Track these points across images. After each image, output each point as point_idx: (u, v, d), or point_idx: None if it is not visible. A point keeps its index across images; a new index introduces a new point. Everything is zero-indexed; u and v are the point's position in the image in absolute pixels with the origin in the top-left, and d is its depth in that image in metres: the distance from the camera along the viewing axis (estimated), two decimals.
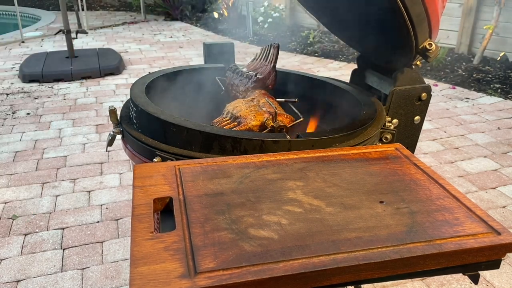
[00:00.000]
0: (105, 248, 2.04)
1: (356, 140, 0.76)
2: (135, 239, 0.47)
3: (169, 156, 0.72)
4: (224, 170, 0.62)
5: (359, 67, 1.08)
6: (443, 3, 0.83)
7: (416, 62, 0.89)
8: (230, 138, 0.70)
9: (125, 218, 2.26)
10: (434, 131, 3.32)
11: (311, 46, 5.89)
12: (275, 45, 0.99)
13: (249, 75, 0.98)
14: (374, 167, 0.64)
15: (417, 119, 0.93)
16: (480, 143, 3.13)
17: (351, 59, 5.28)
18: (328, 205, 0.55)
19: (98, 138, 3.19)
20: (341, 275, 0.45)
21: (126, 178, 2.64)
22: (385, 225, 0.51)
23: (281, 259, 0.45)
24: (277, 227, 0.50)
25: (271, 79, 0.93)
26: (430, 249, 0.47)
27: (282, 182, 0.60)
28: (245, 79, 0.98)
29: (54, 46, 5.64)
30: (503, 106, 3.85)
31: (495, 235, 0.50)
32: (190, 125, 0.72)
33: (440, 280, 1.86)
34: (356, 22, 1.00)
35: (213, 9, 7.97)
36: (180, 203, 0.54)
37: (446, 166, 2.80)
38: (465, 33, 5.01)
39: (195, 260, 0.44)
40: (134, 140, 0.79)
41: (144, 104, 0.79)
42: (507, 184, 2.59)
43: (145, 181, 0.58)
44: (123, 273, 1.90)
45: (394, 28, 0.85)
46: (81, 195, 2.44)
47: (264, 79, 0.92)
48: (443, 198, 0.57)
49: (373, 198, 0.57)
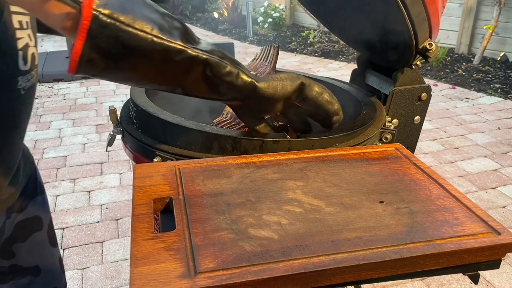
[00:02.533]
0: (105, 248, 2.05)
1: (356, 140, 0.76)
2: (135, 239, 0.47)
3: (169, 156, 0.72)
4: (224, 170, 0.62)
5: (359, 67, 1.08)
6: (443, 3, 0.83)
7: (416, 62, 0.89)
8: (230, 138, 0.70)
9: (125, 218, 2.26)
10: (434, 131, 3.32)
11: (311, 46, 5.89)
12: (275, 45, 0.98)
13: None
14: (374, 167, 0.65)
15: (417, 119, 0.93)
16: (480, 143, 3.13)
17: (351, 59, 5.29)
18: (328, 205, 0.55)
19: (98, 138, 3.19)
20: (341, 275, 0.45)
21: (126, 178, 2.64)
22: (385, 225, 0.51)
23: (281, 259, 0.45)
24: (277, 227, 0.50)
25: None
26: (430, 249, 0.47)
27: (282, 182, 0.60)
28: None
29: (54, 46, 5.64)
30: (503, 106, 3.86)
31: (495, 235, 0.50)
32: (190, 125, 0.72)
33: (440, 280, 1.86)
34: (356, 22, 1.00)
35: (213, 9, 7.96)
36: (180, 203, 0.54)
37: (446, 166, 2.80)
38: (465, 33, 5.01)
39: (195, 260, 0.44)
40: (134, 140, 0.79)
41: (144, 104, 0.79)
42: (507, 184, 2.59)
43: (145, 181, 0.58)
44: (123, 273, 1.90)
45: (394, 28, 0.85)
46: (81, 195, 2.45)
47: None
48: (443, 198, 0.57)
49: (373, 198, 0.57)
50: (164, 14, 0.58)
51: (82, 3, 0.50)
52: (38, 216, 0.91)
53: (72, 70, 0.53)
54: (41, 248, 0.94)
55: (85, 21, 0.50)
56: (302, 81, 0.67)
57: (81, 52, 0.51)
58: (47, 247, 0.95)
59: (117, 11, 0.52)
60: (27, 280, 0.91)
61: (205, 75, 0.61)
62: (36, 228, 0.91)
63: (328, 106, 0.69)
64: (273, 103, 0.67)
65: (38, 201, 0.91)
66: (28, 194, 0.88)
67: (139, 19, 0.54)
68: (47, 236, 0.94)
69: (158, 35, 0.55)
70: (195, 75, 0.60)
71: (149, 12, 0.56)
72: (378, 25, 0.93)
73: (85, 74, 0.56)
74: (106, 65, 0.54)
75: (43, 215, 0.93)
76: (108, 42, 0.52)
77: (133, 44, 0.54)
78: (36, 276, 0.93)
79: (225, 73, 0.61)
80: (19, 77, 0.71)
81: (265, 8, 6.84)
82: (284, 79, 0.67)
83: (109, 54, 0.53)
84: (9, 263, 0.87)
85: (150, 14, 0.55)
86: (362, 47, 1.07)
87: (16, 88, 0.71)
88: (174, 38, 0.57)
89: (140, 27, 0.54)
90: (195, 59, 0.59)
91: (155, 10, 0.57)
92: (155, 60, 0.57)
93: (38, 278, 0.93)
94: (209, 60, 0.59)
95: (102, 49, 0.52)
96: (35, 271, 0.93)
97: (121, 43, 0.53)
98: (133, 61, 0.56)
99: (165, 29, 0.56)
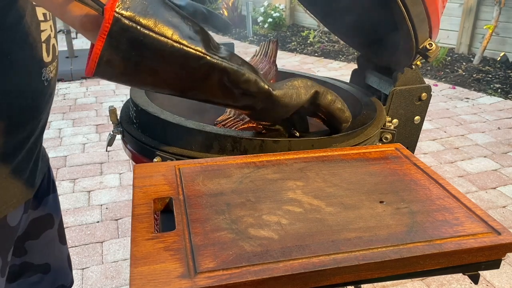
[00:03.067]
0: (105, 248, 2.05)
1: (356, 140, 0.76)
2: (135, 239, 0.47)
3: (169, 156, 0.72)
4: (224, 170, 0.62)
5: (359, 67, 1.08)
6: (444, 3, 0.83)
7: (416, 62, 0.89)
8: (230, 137, 0.70)
9: (125, 218, 2.26)
10: (434, 131, 3.32)
11: (311, 46, 5.89)
12: (273, 40, 0.98)
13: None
14: (374, 167, 0.65)
15: (417, 119, 0.93)
16: (480, 143, 3.13)
17: (351, 59, 5.28)
18: (328, 205, 0.55)
19: (98, 138, 3.19)
20: (341, 275, 0.45)
21: (126, 178, 2.64)
22: (385, 225, 0.51)
23: (281, 259, 0.45)
24: (277, 227, 0.50)
25: (272, 74, 0.93)
26: (430, 249, 0.47)
27: (282, 182, 0.60)
28: None
29: None
30: (503, 106, 3.85)
31: (495, 235, 0.50)
32: (190, 124, 0.72)
33: (440, 280, 1.86)
34: (356, 22, 1.00)
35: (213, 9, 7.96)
36: (180, 203, 0.54)
37: (446, 166, 2.80)
38: (465, 33, 5.01)
39: (195, 260, 0.44)
40: (134, 140, 0.79)
41: (144, 104, 0.79)
42: (507, 184, 2.59)
43: (145, 181, 0.58)
44: (123, 273, 1.90)
45: (394, 28, 0.85)
46: (81, 195, 2.45)
47: (265, 75, 0.92)
48: (443, 198, 0.57)
49: (373, 198, 0.57)
50: (186, 18, 0.58)
51: (105, 5, 0.50)
52: (51, 213, 0.93)
53: (90, 71, 0.53)
54: (52, 246, 0.95)
55: (106, 23, 0.50)
56: (317, 89, 0.67)
57: (100, 53, 0.51)
58: (57, 245, 0.97)
59: (139, 14, 0.52)
60: (37, 278, 0.93)
61: (222, 82, 0.61)
62: (48, 225, 0.93)
63: (340, 114, 0.70)
64: (286, 111, 0.67)
65: (51, 199, 0.93)
66: (42, 192, 0.89)
67: (161, 23, 0.54)
68: (57, 234, 0.96)
69: (178, 40, 0.55)
70: (212, 81, 0.60)
71: (171, 16, 0.56)
72: (378, 25, 0.93)
73: (101, 77, 0.55)
74: (125, 67, 0.54)
75: (55, 213, 0.94)
76: (128, 45, 0.52)
77: (153, 48, 0.54)
78: (45, 274, 0.94)
79: (242, 80, 0.61)
80: (43, 69, 0.72)
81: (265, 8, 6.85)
82: (298, 87, 0.67)
83: (128, 56, 0.53)
84: (20, 261, 0.89)
85: (172, 18, 0.55)
86: (362, 47, 1.07)
87: (41, 79, 0.72)
88: (194, 44, 0.57)
89: (161, 32, 0.54)
90: (214, 66, 0.59)
91: (177, 14, 0.57)
92: (174, 65, 0.57)
93: (47, 276, 0.95)
94: (228, 69, 0.59)
95: (122, 51, 0.52)
96: (45, 269, 0.94)
97: (141, 46, 0.53)
98: (152, 64, 0.56)
99: (186, 34, 0.56)
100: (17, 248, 0.86)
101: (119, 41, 0.52)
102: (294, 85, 0.66)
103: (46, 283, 0.95)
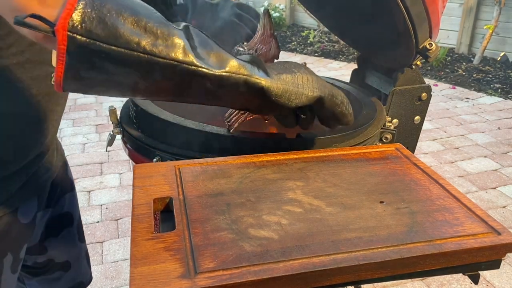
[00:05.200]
0: (105, 248, 2.04)
1: (356, 140, 0.76)
2: (135, 239, 0.47)
3: (169, 156, 0.72)
4: (224, 170, 0.62)
5: (359, 67, 1.08)
6: (444, 3, 0.83)
7: (416, 62, 0.89)
8: (230, 137, 0.70)
9: (125, 218, 2.26)
10: (434, 131, 3.32)
11: (311, 46, 5.89)
12: (264, 12, 0.89)
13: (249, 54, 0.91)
14: (374, 167, 0.65)
15: (417, 119, 0.93)
16: (480, 143, 3.13)
17: (351, 59, 5.28)
18: (328, 205, 0.55)
19: (98, 138, 3.19)
20: (341, 275, 0.45)
21: (126, 178, 2.64)
22: (385, 225, 0.51)
23: (281, 259, 0.45)
24: (277, 227, 0.50)
25: (273, 48, 0.87)
26: (430, 249, 0.47)
27: (282, 182, 0.60)
28: None
29: None
30: (503, 106, 3.85)
31: (495, 235, 0.50)
32: (190, 124, 0.72)
33: (440, 280, 1.86)
34: (356, 22, 1.00)
35: None
36: (180, 203, 0.54)
37: (446, 166, 2.80)
38: (465, 33, 5.00)
39: (195, 260, 0.44)
40: (134, 140, 0.79)
41: (144, 104, 0.79)
42: (507, 184, 2.59)
43: (145, 181, 0.58)
44: (123, 273, 1.90)
45: (394, 28, 0.85)
46: (81, 195, 2.44)
47: (266, 52, 0.87)
48: (443, 198, 0.57)
49: (373, 198, 0.57)
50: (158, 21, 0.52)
51: (55, 25, 0.46)
52: (69, 212, 0.93)
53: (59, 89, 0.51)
54: (72, 244, 0.96)
55: (61, 45, 0.47)
56: (321, 95, 0.61)
57: (63, 75, 0.48)
58: (76, 243, 0.98)
59: (95, 28, 0.47)
60: (58, 274, 0.94)
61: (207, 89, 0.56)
62: (67, 223, 0.94)
63: (342, 118, 0.66)
64: (285, 110, 0.62)
65: (70, 197, 0.94)
66: (61, 190, 0.90)
67: (122, 33, 0.49)
68: (76, 232, 0.97)
69: (145, 49, 0.50)
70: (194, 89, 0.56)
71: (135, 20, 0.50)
72: (378, 25, 0.93)
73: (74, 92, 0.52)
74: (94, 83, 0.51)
75: (74, 211, 0.95)
76: (91, 62, 0.49)
77: (120, 63, 0.50)
78: (66, 271, 0.95)
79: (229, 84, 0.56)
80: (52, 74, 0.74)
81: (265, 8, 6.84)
82: (302, 84, 0.60)
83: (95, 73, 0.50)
84: (43, 258, 0.90)
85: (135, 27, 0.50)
86: (362, 47, 1.07)
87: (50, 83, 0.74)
88: (166, 51, 0.51)
89: (123, 43, 0.49)
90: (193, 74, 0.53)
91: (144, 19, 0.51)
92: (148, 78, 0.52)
93: (68, 273, 0.96)
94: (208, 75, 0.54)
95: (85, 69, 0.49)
96: (66, 266, 0.95)
97: (104, 62, 0.49)
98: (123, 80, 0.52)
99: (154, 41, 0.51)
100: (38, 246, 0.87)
101: (80, 59, 0.48)
102: (297, 82, 0.60)
103: (66, 280, 0.96)
